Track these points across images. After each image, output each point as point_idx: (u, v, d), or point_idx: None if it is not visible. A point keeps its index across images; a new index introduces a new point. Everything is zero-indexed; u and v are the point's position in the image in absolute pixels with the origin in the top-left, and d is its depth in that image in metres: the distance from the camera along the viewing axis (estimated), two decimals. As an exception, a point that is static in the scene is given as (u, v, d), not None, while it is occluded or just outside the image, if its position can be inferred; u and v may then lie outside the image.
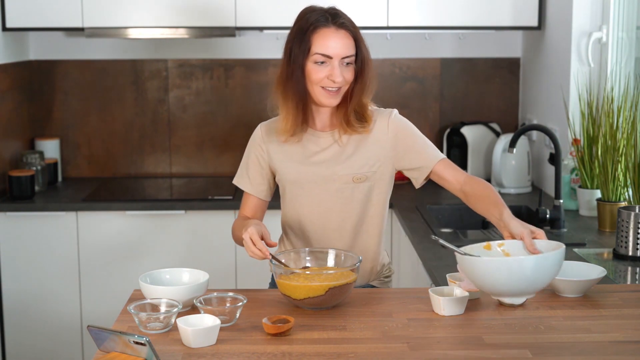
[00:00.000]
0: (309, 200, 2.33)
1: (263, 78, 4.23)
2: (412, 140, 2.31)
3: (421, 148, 2.31)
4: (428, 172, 2.30)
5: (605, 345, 1.84)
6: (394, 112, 2.34)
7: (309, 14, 2.24)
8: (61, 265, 3.74)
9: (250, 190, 2.40)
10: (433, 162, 2.30)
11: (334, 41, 2.19)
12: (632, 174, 2.97)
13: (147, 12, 3.81)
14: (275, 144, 2.35)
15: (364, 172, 2.30)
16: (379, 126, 2.31)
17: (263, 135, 2.38)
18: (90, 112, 4.26)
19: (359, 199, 2.32)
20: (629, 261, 2.64)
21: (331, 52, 2.19)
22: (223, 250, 3.76)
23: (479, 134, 4.08)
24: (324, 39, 2.19)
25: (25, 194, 3.76)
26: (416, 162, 2.31)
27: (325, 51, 2.19)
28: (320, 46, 2.19)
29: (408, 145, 2.31)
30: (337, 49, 2.19)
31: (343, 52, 2.20)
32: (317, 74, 2.21)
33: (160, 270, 2.15)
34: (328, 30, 2.20)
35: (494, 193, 2.21)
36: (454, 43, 4.25)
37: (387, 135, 2.31)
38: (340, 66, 2.20)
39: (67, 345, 3.78)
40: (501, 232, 2.13)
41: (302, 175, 2.32)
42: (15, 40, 4.00)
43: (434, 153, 2.31)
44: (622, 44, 3.40)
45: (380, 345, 1.84)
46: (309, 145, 2.32)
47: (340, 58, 2.20)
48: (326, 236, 2.35)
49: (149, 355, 1.71)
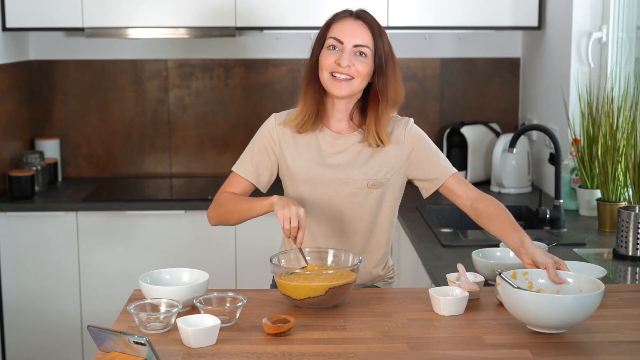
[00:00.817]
0: (320, 202, 2.31)
1: (263, 78, 4.23)
2: (427, 151, 2.32)
3: (435, 160, 2.32)
4: (439, 184, 2.32)
5: (605, 345, 1.84)
6: (411, 121, 2.35)
7: (336, 13, 2.29)
8: (61, 265, 3.73)
9: (252, 178, 2.34)
10: (446, 175, 2.31)
11: (348, 27, 2.21)
12: (632, 174, 2.97)
13: (147, 12, 3.81)
14: (289, 138, 2.32)
15: (379, 179, 2.30)
16: (395, 135, 2.31)
17: (276, 125, 2.34)
18: (90, 112, 4.26)
19: (370, 204, 2.32)
20: (629, 261, 2.64)
21: (342, 37, 2.20)
22: (223, 250, 3.76)
23: (479, 134, 4.08)
24: (339, 25, 2.23)
25: (25, 194, 3.76)
26: (429, 174, 2.32)
27: (337, 35, 2.21)
28: (335, 31, 2.22)
29: (422, 157, 2.32)
30: (349, 33, 2.20)
31: (355, 39, 2.19)
32: (327, 59, 2.21)
33: (160, 270, 2.15)
34: (345, 19, 2.24)
35: (507, 214, 2.21)
36: (454, 43, 4.25)
37: (403, 144, 2.31)
38: (351, 55, 2.20)
39: (67, 345, 3.78)
40: (520, 258, 2.12)
41: (316, 175, 2.30)
42: (15, 40, 4.00)
43: (447, 166, 2.33)
44: (622, 44, 3.40)
45: (380, 345, 1.84)
46: (324, 146, 2.31)
47: (353, 45, 2.20)
48: (334, 239, 2.34)
49: (149, 355, 1.71)
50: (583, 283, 1.97)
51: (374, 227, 2.35)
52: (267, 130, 2.35)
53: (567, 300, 1.83)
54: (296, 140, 2.32)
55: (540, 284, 2.00)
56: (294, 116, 2.31)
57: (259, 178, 2.35)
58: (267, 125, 2.36)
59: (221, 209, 2.32)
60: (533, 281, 2.00)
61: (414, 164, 2.32)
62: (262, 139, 2.36)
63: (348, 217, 2.32)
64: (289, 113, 2.36)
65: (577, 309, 1.83)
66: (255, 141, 2.37)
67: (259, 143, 2.36)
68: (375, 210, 2.33)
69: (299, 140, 2.32)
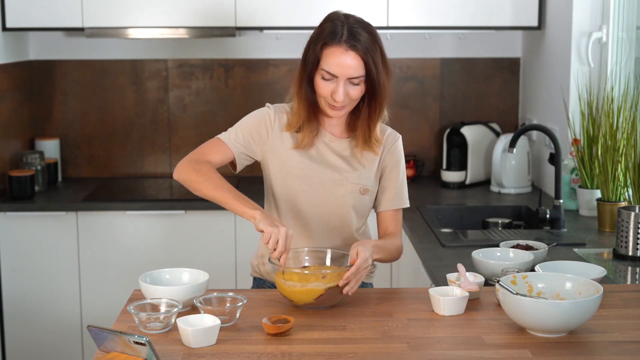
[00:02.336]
0: (312, 200, 2.31)
1: (263, 78, 4.23)
2: (395, 176, 2.37)
3: (393, 187, 2.37)
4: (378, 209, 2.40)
5: (605, 345, 1.84)
6: (399, 140, 2.38)
7: (329, 22, 2.21)
8: (61, 265, 3.73)
9: (235, 154, 2.30)
10: (385, 207, 2.38)
11: (341, 61, 2.16)
12: (632, 174, 2.97)
13: (147, 12, 3.81)
14: (286, 133, 2.32)
15: (369, 185, 2.34)
16: (383, 147, 2.34)
17: (274, 117, 2.33)
18: (90, 112, 4.26)
19: (358, 208, 2.35)
20: (629, 261, 2.64)
21: (336, 72, 2.17)
22: (223, 250, 3.76)
23: (479, 134, 4.08)
24: (332, 56, 2.17)
25: (25, 194, 3.76)
26: (379, 194, 2.39)
27: (330, 69, 2.17)
28: (327, 64, 2.17)
29: (387, 179, 2.37)
30: (343, 69, 2.16)
31: (349, 73, 2.17)
32: (323, 89, 2.21)
33: (160, 270, 2.15)
34: (337, 49, 2.16)
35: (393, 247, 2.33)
36: (454, 43, 4.25)
37: (384, 159, 2.36)
38: (345, 85, 2.18)
39: (67, 345, 3.77)
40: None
41: (312, 172, 2.31)
42: (15, 40, 4.00)
43: (396, 200, 2.38)
44: (622, 44, 3.40)
45: (380, 345, 1.84)
46: (320, 145, 2.32)
47: (346, 78, 2.18)
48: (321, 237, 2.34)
49: (149, 355, 1.71)
50: (582, 285, 1.97)
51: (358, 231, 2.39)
52: (264, 122, 2.33)
53: (565, 305, 1.83)
54: (293, 135, 2.32)
55: (540, 288, 2.00)
56: (289, 121, 2.31)
57: (240, 157, 2.33)
58: (265, 117, 2.34)
59: (199, 177, 2.24)
60: (532, 285, 2.00)
61: (380, 178, 2.38)
62: (258, 126, 2.33)
63: (336, 217, 2.33)
64: (287, 108, 2.35)
65: (576, 313, 1.83)
66: (251, 124, 2.34)
67: (253, 128, 2.33)
68: (360, 213, 2.37)
69: (295, 135, 2.32)
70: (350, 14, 2.24)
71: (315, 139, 2.31)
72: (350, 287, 2.05)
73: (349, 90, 2.19)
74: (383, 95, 2.24)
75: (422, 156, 4.32)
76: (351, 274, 2.05)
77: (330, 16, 2.25)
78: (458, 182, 4.04)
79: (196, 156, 2.31)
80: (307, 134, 2.29)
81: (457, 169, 4.06)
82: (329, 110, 2.25)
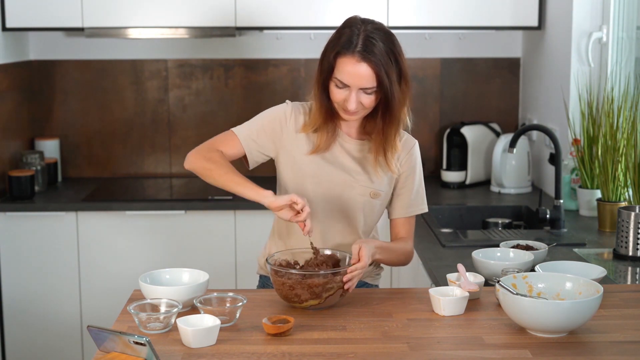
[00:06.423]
0: (320, 199, 2.31)
1: (263, 78, 4.23)
2: (410, 183, 2.37)
3: (408, 194, 2.36)
4: (393, 216, 2.39)
5: (605, 345, 1.84)
6: (415, 146, 2.39)
7: (346, 29, 2.18)
8: (61, 265, 3.73)
9: (248, 150, 2.32)
10: (399, 214, 2.37)
11: (353, 72, 2.15)
12: (632, 174, 2.97)
13: (147, 12, 3.81)
14: (302, 133, 2.32)
15: (380, 189, 2.33)
16: (398, 155, 2.34)
17: (290, 115, 2.33)
18: (90, 112, 4.26)
19: (367, 211, 2.34)
20: (629, 261, 2.64)
21: (348, 82, 2.17)
22: (223, 250, 3.76)
23: (479, 134, 4.08)
24: (344, 66, 2.16)
25: (25, 194, 3.76)
26: (393, 200, 2.38)
27: (342, 79, 2.17)
28: (340, 73, 2.17)
29: (402, 186, 2.37)
30: (354, 79, 2.16)
31: (361, 84, 2.16)
32: (336, 96, 2.21)
33: (160, 270, 2.15)
34: (350, 59, 2.15)
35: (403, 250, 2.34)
36: (454, 43, 4.25)
37: (401, 166, 2.35)
38: (358, 93, 2.18)
39: (67, 345, 3.77)
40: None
41: (323, 172, 2.30)
42: (15, 40, 4.00)
43: (412, 208, 2.37)
44: (622, 44, 3.40)
45: (380, 345, 1.84)
46: (335, 146, 2.32)
47: (359, 88, 2.17)
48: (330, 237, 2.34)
49: (149, 356, 1.71)
50: (582, 286, 1.97)
51: (366, 233, 2.38)
52: (279, 119, 2.33)
53: (565, 305, 1.83)
54: (309, 135, 2.31)
55: (540, 288, 2.00)
56: (308, 121, 2.31)
57: (252, 154, 2.33)
58: (281, 113, 2.34)
59: (211, 165, 2.26)
60: (533, 285, 2.00)
61: (395, 185, 2.37)
62: (272, 122, 2.33)
63: (345, 219, 2.33)
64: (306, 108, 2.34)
65: (576, 313, 1.83)
66: (265, 120, 2.35)
67: (267, 123, 2.34)
68: (370, 217, 2.36)
69: (311, 136, 2.31)
70: (370, 20, 2.21)
71: (331, 140, 2.31)
72: (352, 284, 2.07)
73: (362, 99, 2.19)
74: (397, 106, 2.23)
75: (422, 156, 4.22)
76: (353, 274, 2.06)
77: (348, 21, 2.22)
78: (458, 182, 4.04)
79: (208, 145, 2.34)
80: (324, 134, 2.29)
81: (457, 169, 4.06)
82: (342, 115, 2.25)
